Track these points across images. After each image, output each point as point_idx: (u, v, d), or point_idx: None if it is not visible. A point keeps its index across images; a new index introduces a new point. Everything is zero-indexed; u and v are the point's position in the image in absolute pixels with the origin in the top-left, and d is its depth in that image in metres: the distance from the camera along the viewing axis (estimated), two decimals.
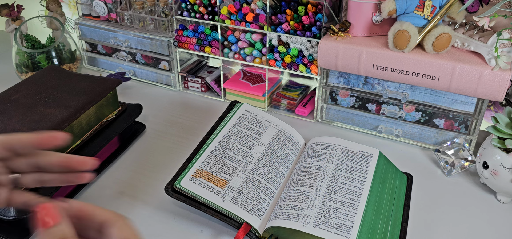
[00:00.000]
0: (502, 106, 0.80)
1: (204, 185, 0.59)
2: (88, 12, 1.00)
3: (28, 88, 0.70)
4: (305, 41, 0.78)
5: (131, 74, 1.01)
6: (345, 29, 0.75)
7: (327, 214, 0.55)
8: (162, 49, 0.94)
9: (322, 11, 0.75)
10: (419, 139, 0.77)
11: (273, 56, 0.82)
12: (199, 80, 0.94)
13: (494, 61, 0.64)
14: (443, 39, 0.66)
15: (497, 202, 0.65)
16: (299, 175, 0.63)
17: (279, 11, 0.79)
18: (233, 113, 0.72)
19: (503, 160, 0.60)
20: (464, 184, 0.68)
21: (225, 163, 0.63)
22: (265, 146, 0.67)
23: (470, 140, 0.73)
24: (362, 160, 0.64)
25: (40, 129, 0.61)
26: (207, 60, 1.02)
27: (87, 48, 1.05)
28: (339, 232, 0.52)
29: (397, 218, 0.58)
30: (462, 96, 0.71)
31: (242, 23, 0.83)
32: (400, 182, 0.64)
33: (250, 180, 0.61)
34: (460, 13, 0.69)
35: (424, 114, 0.75)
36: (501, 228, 0.60)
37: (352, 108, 0.81)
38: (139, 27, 0.95)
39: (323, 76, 0.80)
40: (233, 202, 0.57)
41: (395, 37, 0.68)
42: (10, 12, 1.02)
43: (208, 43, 0.88)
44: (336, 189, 0.59)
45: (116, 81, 0.75)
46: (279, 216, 0.56)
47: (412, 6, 0.68)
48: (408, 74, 0.69)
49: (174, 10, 0.88)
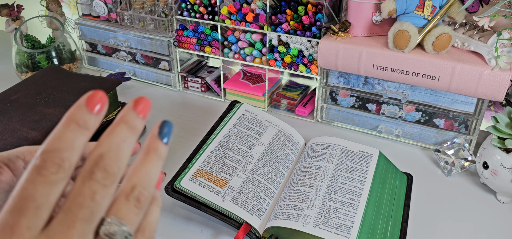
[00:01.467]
0: (502, 106, 0.80)
1: (204, 185, 0.59)
2: (88, 12, 1.00)
3: (28, 88, 0.70)
4: (305, 41, 0.78)
5: (131, 74, 1.01)
6: (345, 29, 0.74)
7: (327, 214, 0.55)
8: (162, 49, 0.94)
9: (322, 11, 0.75)
10: (419, 139, 0.77)
11: (273, 56, 0.82)
12: (199, 80, 0.94)
13: (494, 61, 0.64)
14: (443, 39, 0.66)
15: (497, 202, 0.65)
16: (299, 175, 0.63)
17: (279, 11, 0.79)
18: (233, 113, 0.72)
19: (503, 160, 0.60)
20: (464, 184, 0.68)
21: (225, 163, 0.63)
22: (265, 146, 0.67)
23: (470, 140, 0.73)
24: (362, 160, 0.64)
25: (40, 128, 0.61)
26: (207, 60, 1.02)
27: (87, 48, 1.05)
28: (339, 232, 0.52)
29: (397, 218, 0.58)
30: (462, 96, 0.71)
31: (242, 23, 0.83)
32: (400, 182, 0.64)
33: (250, 180, 0.61)
34: (460, 13, 0.69)
35: (424, 114, 0.75)
36: (501, 228, 0.60)
37: (352, 108, 0.81)
38: (139, 27, 0.95)
39: (323, 76, 0.80)
40: (233, 202, 0.57)
41: (395, 37, 0.68)
42: (10, 12, 1.02)
43: (208, 43, 0.88)
44: (336, 189, 0.59)
45: (116, 81, 0.75)
46: (279, 216, 0.56)
47: (412, 6, 0.68)
48: (408, 74, 0.69)
49: (174, 10, 0.88)
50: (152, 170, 0.26)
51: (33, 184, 0.22)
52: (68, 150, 0.23)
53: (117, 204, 0.24)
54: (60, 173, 0.23)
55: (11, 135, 0.60)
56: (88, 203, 0.23)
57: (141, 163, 0.26)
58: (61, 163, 0.23)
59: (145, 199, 0.25)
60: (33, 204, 0.22)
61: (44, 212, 0.22)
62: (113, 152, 0.24)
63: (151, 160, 0.26)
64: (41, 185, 0.22)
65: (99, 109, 0.24)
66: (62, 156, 0.23)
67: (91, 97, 0.24)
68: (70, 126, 0.23)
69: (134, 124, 0.26)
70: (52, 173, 0.22)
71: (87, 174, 0.23)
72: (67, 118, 0.24)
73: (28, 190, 0.22)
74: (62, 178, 0.23)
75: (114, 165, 0.24)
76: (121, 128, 0.25)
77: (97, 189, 0.23)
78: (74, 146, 0.23)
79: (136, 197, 0.25)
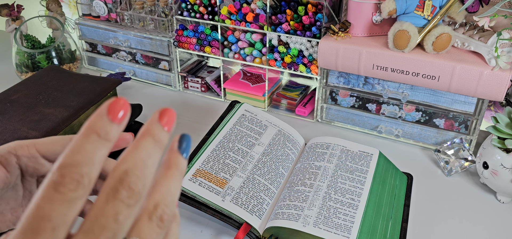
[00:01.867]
0: (502, 106, 0.80)
1: (204, 185, 0.59)
2: (88, 12, 1.00)
3: (28, 88, 0.70)
4: (305, 41, 0.78)
5: (131, 74, 1.01)
6: (345, 29, 0.74)
7: (327, 214, 0.55)
8: (162, 49, 0.94)
9: (322, 11, 0.75)
10: (419, 139, 0.77)
11: (273, 56, 0.82)
12: (199, 80, 0.94)
13: (494, 61, 0.64)
14: (443, 39, 0.66)
15: (497, 202, 0.65)
16: (299, 175, 0.63)
17: (279, 11, 0.79)
18: (233, 113, 0.72)
19: (503, 160, 0.60)
20: (464, 184, 0.68)
21: (225, 163, 0.63)
22: (265, 146, 0.67)
23: (470, 140, 0.73)
24: (362, 160, 0.64)
25: (40, 128, 0.61)
26: (207, 60, 1.02)
27: (87, 48, 1.05)
28: (339, 232, 0.52)
29: (397, 218, 0.58)
30: (462, 96, 0.71)
31: (242, 23, 0.83)
32: (400, 182, 0.64)
33: (250, 180, 0.61)
34: (460, 13, 0.69)
35: (424, 114, 0.75)
36: (501, 228, 0.60)
37: (352, 108, 0.81)
38: (139, 27, 0.95)
39: (323, 76, 0.80)
40: (233, 202, 0.57)
41: (395, 37, 0.68)
42: (10, 12, 1.02)
43: (208, 43, 0.88)
44: (336, 189, 0.59)
45: (116, 81, 0.75)
46: (279, 216, 0.56)
47: (412, 6, 0.68)
48: (408, 74, 0.69)
49: (174, 10, 0.88)
50: (174, 187, 0.24)
51: (49, 203, 0.20)
52: (88, 164, 0.21)
53: (140, 224, 0.23)
54: (80, 190, 0.21)
55: (11, 135, 0.60)
56: (111, 225, 0.21)
57: (162, 179, 0.24)
58: (80, 179, 0.21)
59: (168, 217, 0.24)
60: (50, 225, 0.20)
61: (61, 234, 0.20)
62: (139, 168, 0.22)
63: (173, 176, 0.24)
64: (59, 203, 0.20)
65: (122, 116, 0.23)
66: (81, 171, 0.21)
67: (113, 105, 0.22)
68: (90, 137, 0.22)
69: (160, 137, 0.24)
70: (71, 190, 0.20)
71: (111, 192, 0.21)
72: (87, 129, 0.22)
73: (45, 209, 0.20)
74: (81, 195, 0.21)
75: (139, 182, 0.22)
76: (147, 142, 0.23)
77: (121, 209, 0.21)
78: (95, 159, 0.21)
79: (159, 217, 0.23)
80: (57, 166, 0.21)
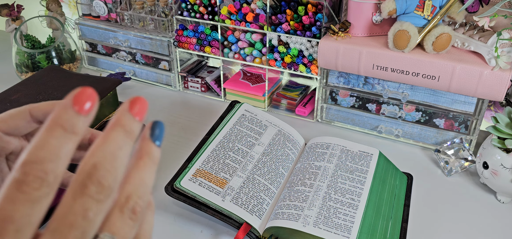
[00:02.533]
0: (502, 106, 0.80)
1: (204, 185, 0.59)
2: (88, 12, 1.00)
3: (28, 88, 0.70)
4: (305, 41, 0.78)
5: (131, 74, 1.01)
6: (345, 29, 0.74)
7: (327, 214, 0.55)
8: (162, 49, 0.94)
9: (322, 11, 0.75)
10: (419, 139, 0.77)
11: (273, 56, 0.82)
12: (199, 80, 0.94)
13: (494, 61, 0.64)
14: (443, 39, 0.66)
15: (497, 202, 0.65)
16: (299, 175, 0.63)
17: (279, 11, 0.79)
18: (233, 113, 0.72)
19: (503, 160, 0.60)
20: (464, 184, 0.68)
21: (225, 162, 0.63)
22: (265, 146, 0.67)
23: (470, 140, 0.73)
24: (362, 160, 0.64)
25: None
26: (207, 60, 1.02)
27: (87, 48, 1.05)
28: (339, 232, 0.52)
29: (397, 218, 0.58)
30: (462, 96, 0.71)
31: (242, 23, 0.83)
32: (400, 182, 0.64)
33: (250, 180, 0.61)
34: (460, 13, 0.69)
35: (424, 114, 0.75)
36: (501, 228, 0.60)
37: (352, 108, 0.81)
38: (139, 27, 0.95)
39: (323, 76, 0.80)
40: (233, 202, 0.57)
41: (395, 37, 0.68)
42: (10, 12, 1.02)
43: (208, 43, 0.88)
44: (336, 189, 0.59)
45: (116, 81, 0.75)
46: (279, 216, 0.56)
47: (412, 6, 0.68)
48: (408, 74, 0.69)
49: (174, 10, 0.88)
50: (147, 177, 0.23)
51: (12, 203, 0.19)
52: (53, 160, 0.20)
53: (111, 218, 0.22)
54: (44, 188, 0.19)
55: None
56: (80, 222, 0.20)
57: (134, 169, 0.23)
58: (44, 177, 0.19)
59: (141, 209, 0.23)
60: (13, 227, 0.19)
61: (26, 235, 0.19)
62: (109, 161, 0.21)
63: (145, 166, 0.23)
64: (22, 203, 0.19)
65: (89, 108, 0.21)
66: (46, 167, 0.20)
67: (79, 96, 0.21)
68: (54, 132, 0.20)
69: (130, 127, 0.23)
70: (35, 189, 0.19)
71: (78, 188, 0.20)
72: (51, 123, 0.20)
73: (7, 210, 0.19)
74: (46, 193, 0.20)
75: (109, 176, 0.21)
76: (117, 133, 0.22)
77: (90, 206, 0.20)
78: (60, 154, 0.20)
79: (131, 209, 0.22)
80: (20, 163, 0.19)
